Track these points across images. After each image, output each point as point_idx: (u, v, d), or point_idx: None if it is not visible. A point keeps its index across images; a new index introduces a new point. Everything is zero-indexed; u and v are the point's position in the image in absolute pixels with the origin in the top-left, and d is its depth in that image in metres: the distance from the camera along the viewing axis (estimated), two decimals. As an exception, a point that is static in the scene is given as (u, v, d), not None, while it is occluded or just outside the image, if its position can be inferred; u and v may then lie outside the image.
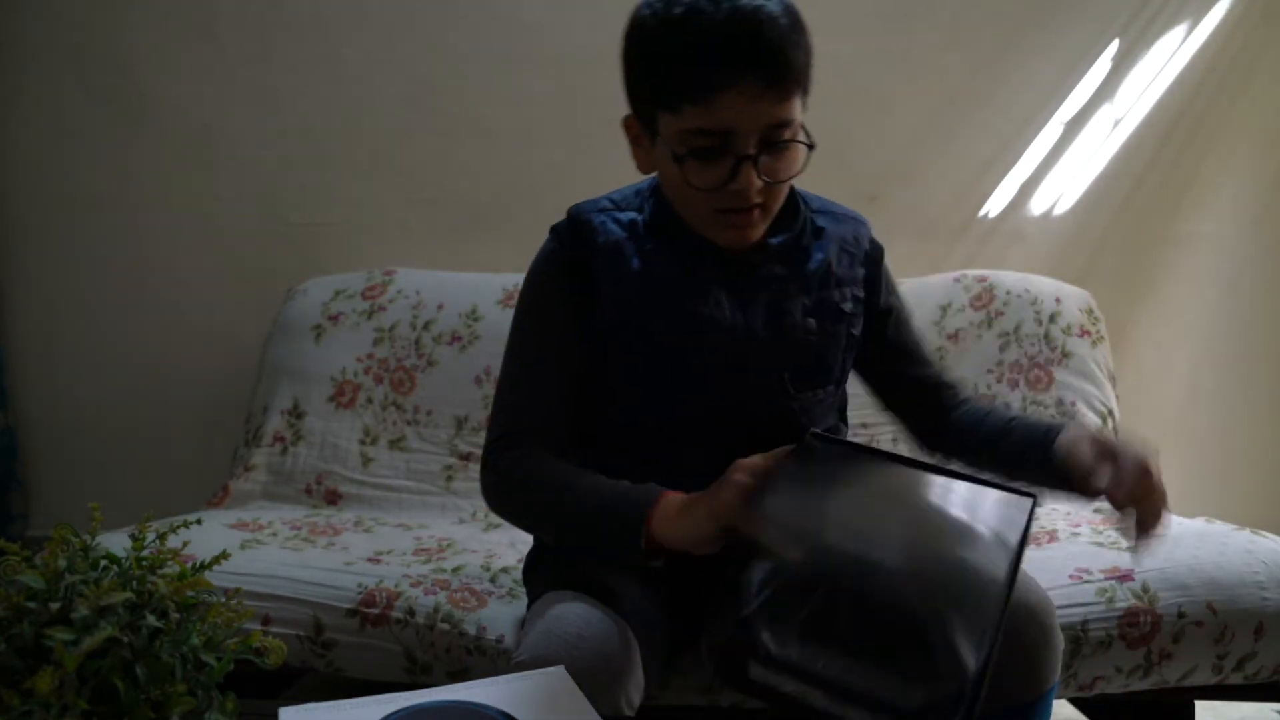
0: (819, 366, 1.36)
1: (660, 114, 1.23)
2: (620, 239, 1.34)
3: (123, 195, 2.65)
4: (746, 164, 1.20)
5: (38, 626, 0.78)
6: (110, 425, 2.70)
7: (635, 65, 1.26)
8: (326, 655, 1.59)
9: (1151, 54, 2.50)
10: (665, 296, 1.31)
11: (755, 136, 1.20)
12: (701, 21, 1.17)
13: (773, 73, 1.18)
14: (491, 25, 2.55)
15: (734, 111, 1.18)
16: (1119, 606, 1.53)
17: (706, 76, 1.17)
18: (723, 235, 1.29)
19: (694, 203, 1.26)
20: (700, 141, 1.20)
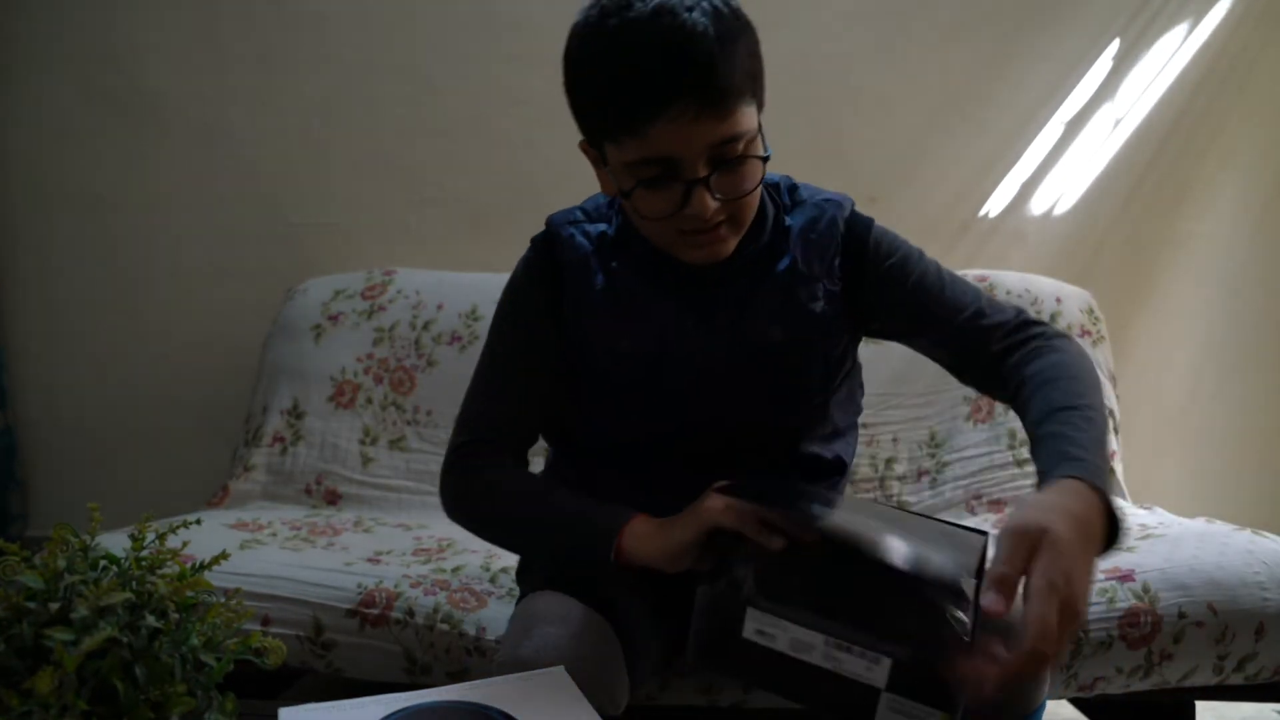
0: (794, 373, 1.30)
1: (605, 144, 1.18)
2: (586, 254, 1.31)
3: (122, 195, 2.65)
4: (698, 188, 1.14)
5: (37, 627, 0.78)
6: (110, 425, 2.70)
7: (572, 97, 1.20)
8: (326, 656, 1.59)
9: (1152, 54, 2.50)
10: (628, 315, 1.29)
11: (702, 158, 1.13)
12: (623, 51, 1.10)
13: (706, 93, 1.09)
14: (491, 25, 2.55)
15: (671, 139, 1.11)
16: (1119, 607, 1.53)
17: (635, 109, 1.10)
18: (691, 254, 1.22)
19: (655, 229, 1.21)
20: (646, 171, 1.15)
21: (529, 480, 1.32)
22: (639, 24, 1.09)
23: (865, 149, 2.52)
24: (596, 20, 1.13)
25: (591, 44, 1.14)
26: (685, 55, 1.08)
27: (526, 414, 1.36)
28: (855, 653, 0.90)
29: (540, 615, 1.19)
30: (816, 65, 2.47)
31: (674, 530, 1.15)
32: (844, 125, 2.50)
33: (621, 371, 1.30)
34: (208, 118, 2.62)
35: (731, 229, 1.21)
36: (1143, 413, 2.52)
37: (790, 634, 0.93)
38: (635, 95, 1.10)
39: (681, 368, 1.28)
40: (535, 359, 1.34)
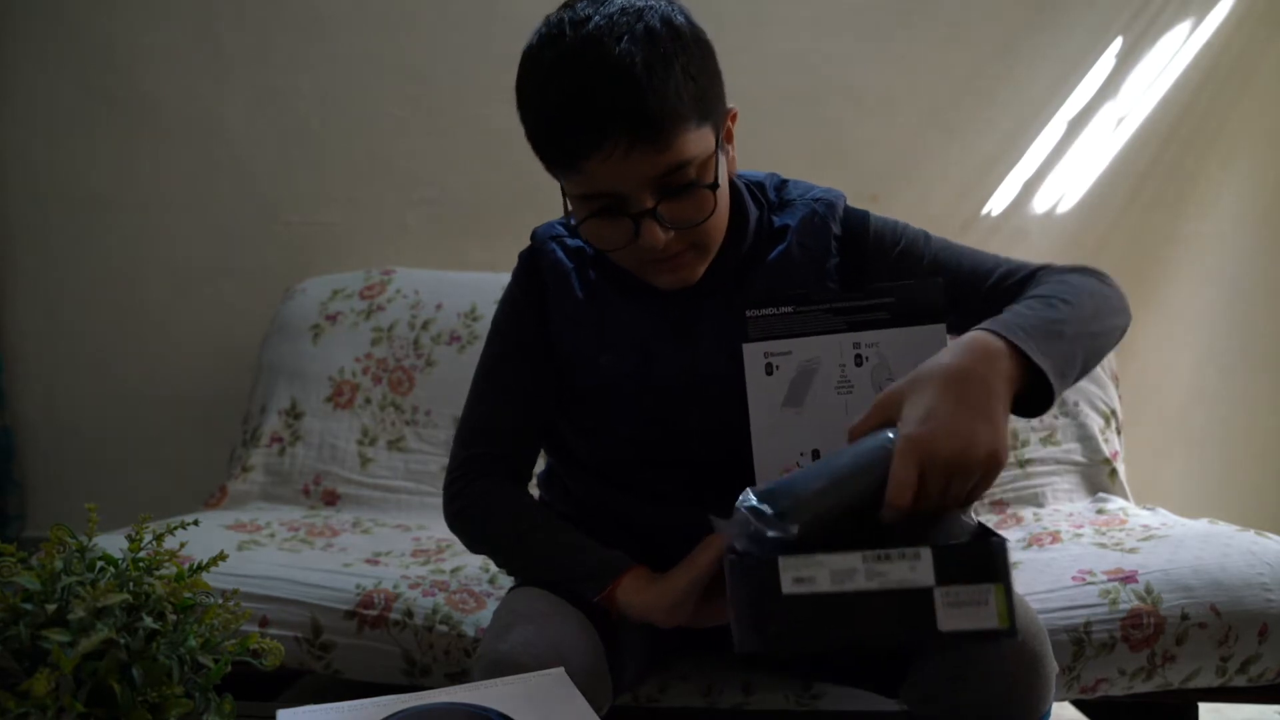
0: None
1: (558, 176, 1.17)
2: (567, 270, 1.30)
3: (120, 195, 2.64)
4: (646, 220, 1.11)
5: (34, 628, 0.78)
6: (107, 426, 2.69)
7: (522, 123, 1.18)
8: (325, 657, 1.59)
9: (1155, 52, 2.50)
10: (610, 328, 1.28)
11: (646, 190, 1.09)
12: (553, 87, 1.08)
13: (639, 126, 1.05)
14: (490, 23, 2.54)
15: (608, 175, 1.08)
16: (1122, 608, 1.52)
17: (567, 146, 1.09)
18: (659, 280, 1.20)
19: (619, 257, 1.19)
20: (593, 205, 1.13)
21: (527, 508, 1.31)
22: (568, 57, 1.08)
23: (866, 148, 2.52)
24: (536, 51, 1.13)
25: (530, 77, 1.13)
26: (611, 90, 1.05)
27: (524, 429, 1.35)
28: (895, 558, 0.89)
29: (523, 612, 1.18)
30: (817, 64, 2.47)
31: (667, 582, 1.14)
32: (845, 124, 2.49)
33: (605, 385, 1.28)
34: (206, 117, 2.62)
35: (697, 254, 1.18)
36: (1145, 413, 2.52)
37: (829, 566, 0.91)
38: (566, 132, 1.08)
39: (665, 379, 1.26)
40: (529, 373, 1.33)
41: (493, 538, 1.32)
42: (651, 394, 1.27)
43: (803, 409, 1.17)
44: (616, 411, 1.30)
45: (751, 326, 1.18)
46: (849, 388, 1.16)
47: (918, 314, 1.15)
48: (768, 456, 1.18)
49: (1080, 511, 2.00)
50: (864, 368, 1.16)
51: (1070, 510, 2.02)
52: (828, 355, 1.17)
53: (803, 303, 1.17)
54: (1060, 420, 2.16)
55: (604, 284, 1.29)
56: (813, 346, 1.17)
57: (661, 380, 1.27)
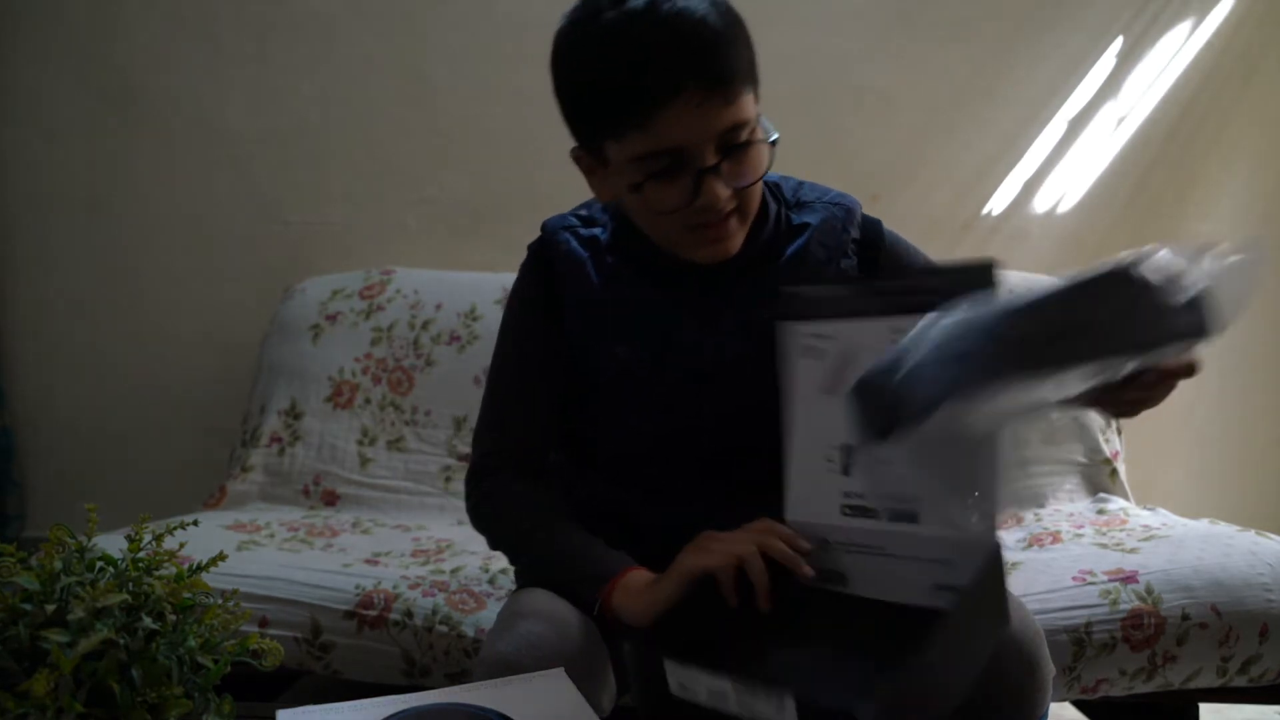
0: None
1: (606, 143, 1.16)
2: (582, 260, 1.29)
3: (120, 195, 2.64)
4: (708, 176, 1.13)
5: (33, 628, 0.78)
6: (107, 426, 2.69)
7: (568, 97, 1.19)
8: (324, 657, 1.59)
9: (1155, 51, 2.50)
10: (628, 319, 1.28)
11: (711, 146, 1.12)
12: (627, 39, 1.09)
13: (713, 77, 1.09)
14: (491, 23, 2.54)
15: (680, 127, 1.10)
16: (1122, 608, 1.52)
17: (643, 97, 1.09)
18: (700, 252, 1.21)
19: (662, 226, 1.20)
20: (654, 165, 1.13)
21: (534, 507, 1.30)
22: (637, 14, 1.09)
23: (867, 147, 2.52)
24: (588, 17, 1.13)
25: (588, 40, 1.13)
26: (690, 41, 1.08)
27: (540, 426, 1.34)
28: (760, 696, 0.87)
29: (525, 612, 1.18)
30: (818, 63, 2.47)
31: (658, 586, 1.13)
32: (846, 124, 2.49)
33: (624, 374, 1.28)
34: (205, 117, 2.62)
35: (739, 221, 1.20)
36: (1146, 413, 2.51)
37: (705, 684, 0.91)
38: (642, 84, 1.09)
39: (685, 366, 1.26)
40: (544, 368, 1.32)
41: (502, 536, 1.33)
42: (668, 381, 1.27)
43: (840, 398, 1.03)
44: (630, 401, 1.29)
45: (789, 304, 1.12)
46: None
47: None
48: (803, 444, 1.11)
49: (1081, 512, 2.00)
50: None
51: (1071, 510, 2.02)
52: (870, 340, 1.04)
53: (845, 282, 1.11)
54: (1061, 420, 2.16)
55: (622, 271, 1.28)
56: (854, 330, 1.07)
57: (679, 366, 1.26)
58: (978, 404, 0.86)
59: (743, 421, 1.26)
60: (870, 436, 0.92)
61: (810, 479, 1.09)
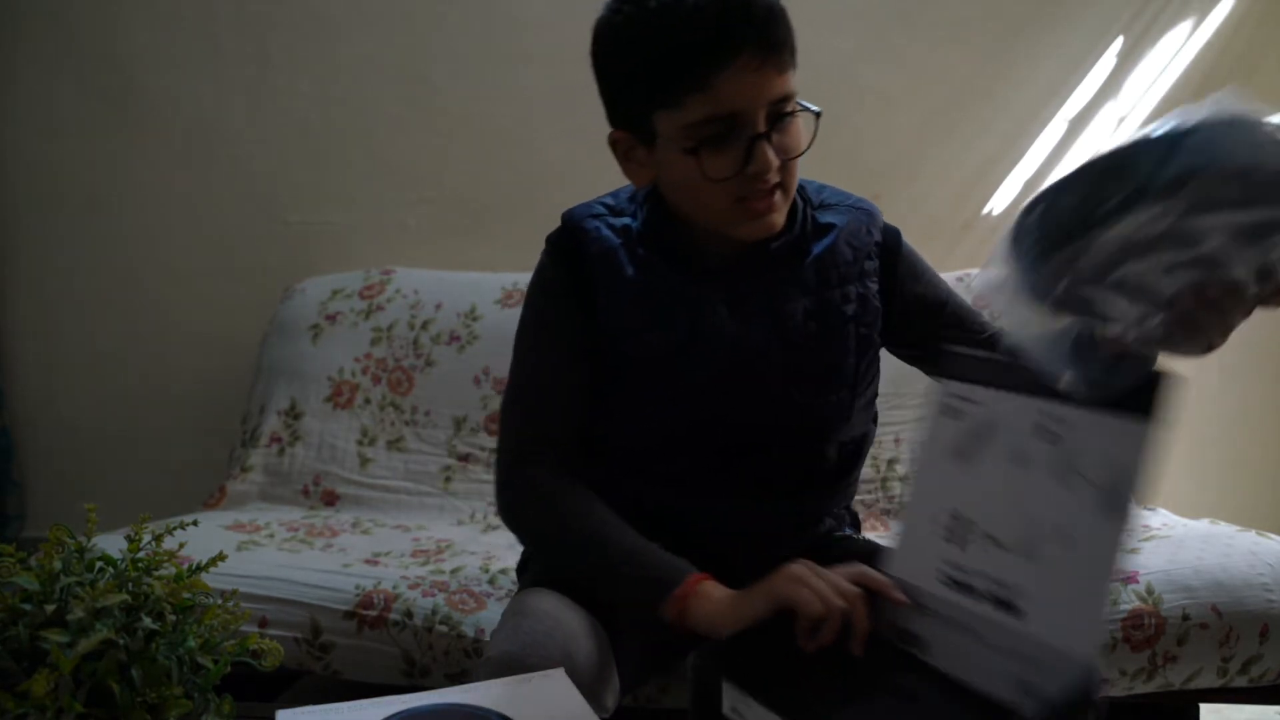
0: (827, 372, 1.30)
1: (658, 115, 1.18)
2: (614, 246, 1.29)
3: (119, 195, 2.64)
4: (760, 142, 1.16)
5: (33, 629, 0.78)
6: (106, 426, 2.69)
7: (619, 70, 1.21)
8: (324, 658, 1.59)
9: (1156, 51, 2.49)
10: (661, 308, 1.27)
11: (762, 113, 1.16)
12: (683, 8, 1.12)
13: (768, 44, 1.14)
14: (490, 23, 2.54)
15: (738, 90, 1.14)
16: (1123, 609, 1.52)
17: (702, 61, 1.12)
18: (746, 228, 1.22)
19: (712, 198, 1.20)
20: (709, 130, 1.16)
21: (590, 507, 1.25)
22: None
23: (867, 147, 2.51)
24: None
25: (644, 8, 1.15)
26: (749, 7, 1.12)
27: (576, 417, 1.31)
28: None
29: (530, 613, 1.18)
30: (818, 62, 2.44)
31: (745, 603, 1.10)
32: (846, 123, 2.48)
33: (653, 362, 1.28)
34: (205, 117, 2.61)
35: (783, 196, 1.22)
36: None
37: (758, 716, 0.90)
38: (707, 45, 1.12)
39: (714, 355, 1.27)
40: (573, 358, 1.30)
41: (553, 540, 1.29)
42: (697, 370, 1.27)
43: (968, 466, 1.03)
44: (656, 391, 1.29)
45: (945, 362, 1.09)
46: (1024, 463, 0.98)
47: (1124, 400, 0.94)
48: (919, 502, 1.07)
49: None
50: (1046, 446, 0.96)
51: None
52: (1015, 418, 0.99)
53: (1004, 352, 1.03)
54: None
55: (654, 260, 1.28)
56: (1002, 402, 1.01)
57: (709, 356, 1.27)
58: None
59: (765, 414, 1.28)
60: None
61: (918, 538, 1.05)
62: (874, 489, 2.13)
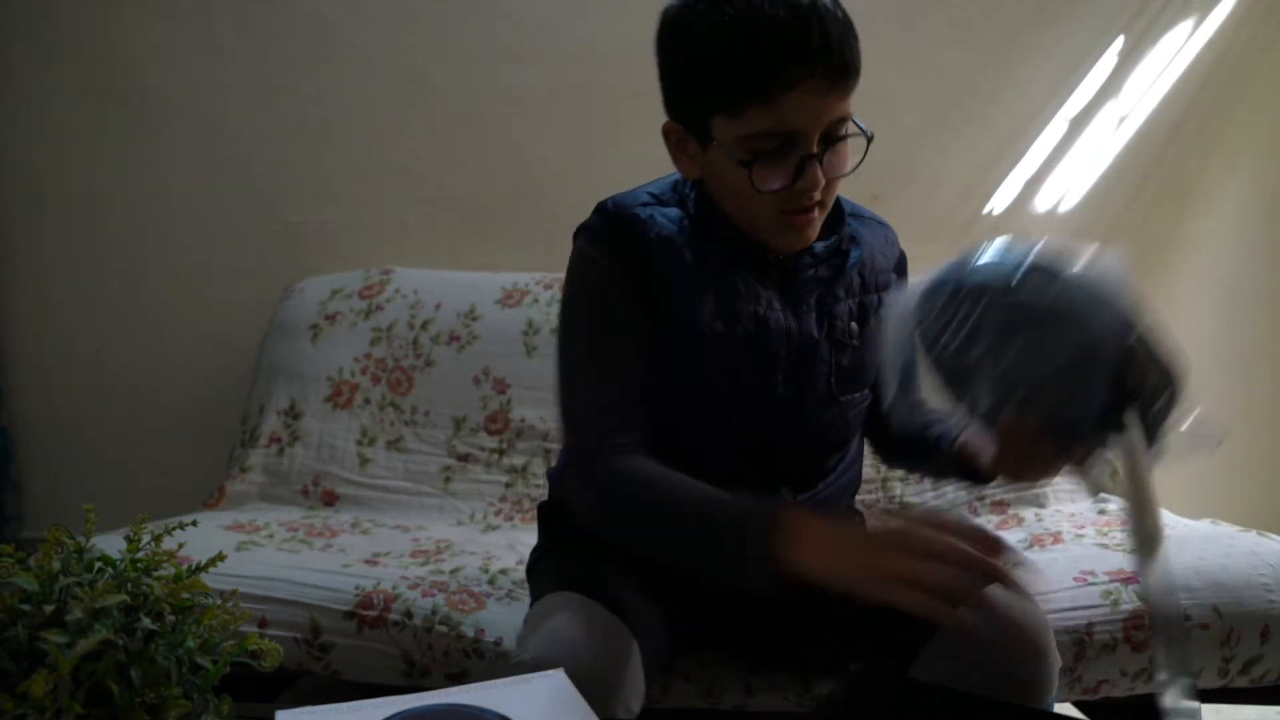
0: (860, 370, 1.34)
1: (716, 119, 1.18)
2: (672, 233, 1.28)
3: (118, 194, 2.64)
4: (812, 163, 1.17)
5: (32, 629, 0.77)
6: (105, 426, 2.68)
7: (684, 70, 1.20)
8: (324, 658, 1.58)
9: (1157, 50, 2.50)
10: (720, 297, 1.27)
11: (818, 134, 1.17)
12: (760, 21, 1.12)
13: (837, 69, 1.15)
14: (491, 22, 2.54)
15: (800, 111, 1.14)
16: (1124, 609, 1.52)
17: (771, 77, 1.12)
18: (783, 239, 1.25)
19: (757, 206, 1.21)
20: (765, 144, 1.16)
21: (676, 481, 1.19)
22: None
23: (867, 147, 2.51)
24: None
25: (720, 15, 1.14)
26: (824, 31, 1.13)
27: (643, 403, 1.26)
28: None
29: (564, 620, 1.18)
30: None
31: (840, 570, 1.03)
32: (845, 123, 2.49)
33: (710, 353, 1.27)
34: (204, 115, 2.61)
35: (821, 213, 1.25)
36: (1146, 413, 2.51)
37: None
38: (776, 63, 1.12)
39: (775, 347, 1.29)
40: (637, 344, 1.27)
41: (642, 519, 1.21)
42: (760, 359, 1.28)
43: None
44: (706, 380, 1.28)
45: None
46: None
47: None
48: None
49: (1082, 512, 2.00)
50: None
51: (1072, 511, 2.02)
52: None
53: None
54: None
55: (715, 252, 1.28)
56: None
57: (772, 345, 1.28)
58: None
59: (810, 408, 1.32)
60: None
61: None
62: (874, 489, 2.13)
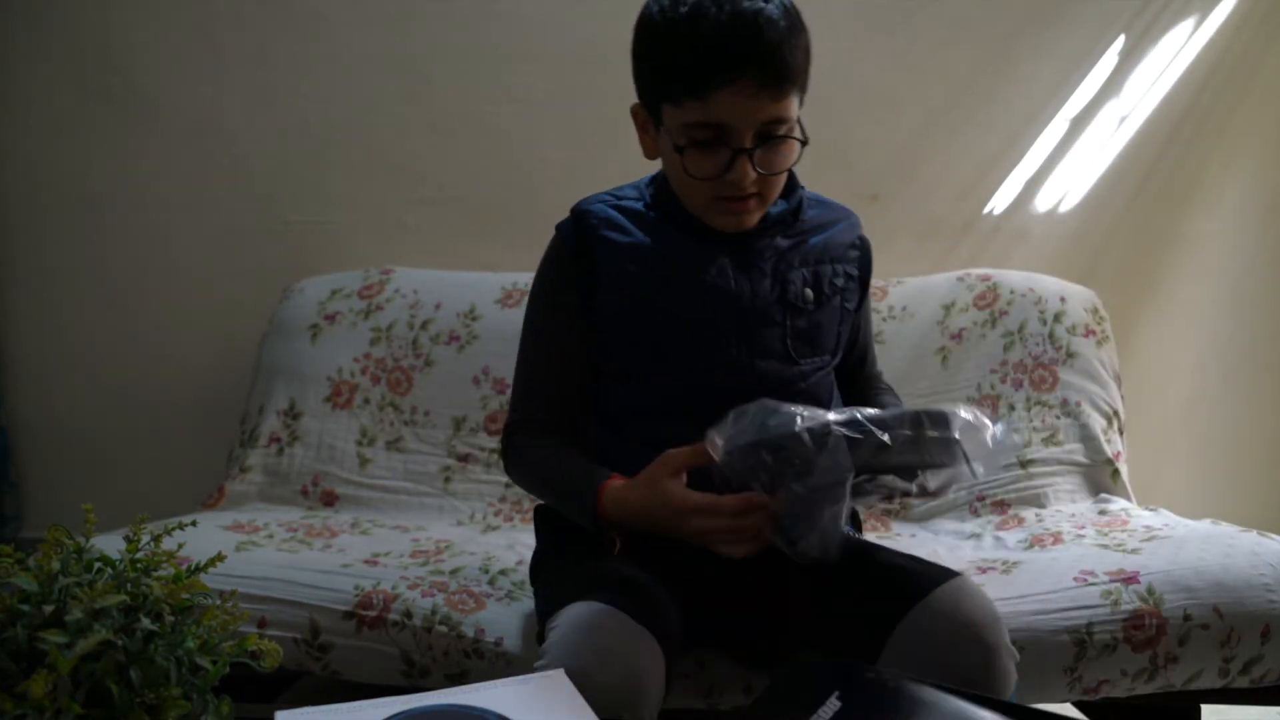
0: (816, 334, 1.42)
1: (664, 105, 1.30)
2: (619, 218, 1.41)
3: (118, 194, 2.63)
4: (742, 157, 1.27)
5: (31, 629, 0.77)
6: (104, 426, 2.68)
7: (642, 58, 1.33)
8: (323, 658, 1.58)
9: (1157, 50, 2.50)
10: (670, 267, 1.38)
11: (751, 131, 1.27)
12: (704, 22, 1.23)
13: (769, 73, 1.24)
14: (490, 22, 2.54)
15: (731, 108, 1.25)
16: (1124, 609, 1.52)
17: (705, 74, 1.24)
18: (719, 220, 1.36)
19: (693, 190, 1.33)
20: (699, 134, 1.28)
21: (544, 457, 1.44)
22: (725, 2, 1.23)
23: (867, 146, 2.51)
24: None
25: (676, 10, 1.26)
26: (760, 36, 1.23)
27: (566, 389, 1.45)
28: None
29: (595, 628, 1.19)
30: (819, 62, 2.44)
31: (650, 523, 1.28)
32: (846, 122, 2.48)
33: (662, 323, 1.38)
34: (203, 115, 2.61)
35: (759, 203, 1.35)
36: (1148, 413, 2.52)
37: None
38: (711, 61, 1.23)
39: (721, 310, 1.37)
40: (569, 334, 1.42)
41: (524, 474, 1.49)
42: (708, 324, 1.37)
43: None
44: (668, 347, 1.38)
45: None
46: None
47: None
48: None
49: (1082, 512, 2.00)
50: None
51: (1072, 511, 2.01)
52: None
53: None
54: (1062, 420, 2.16)
55: (666, 227, 1.40)
56: None
57: (719, 309, 1.37)
58: None
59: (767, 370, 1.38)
60: None
61: None
62: (875, 489, 2.12)
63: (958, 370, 2.24)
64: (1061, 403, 2.18)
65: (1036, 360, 2.23)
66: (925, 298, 2.31)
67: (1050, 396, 2.19)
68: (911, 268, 2.40)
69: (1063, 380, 2.21)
